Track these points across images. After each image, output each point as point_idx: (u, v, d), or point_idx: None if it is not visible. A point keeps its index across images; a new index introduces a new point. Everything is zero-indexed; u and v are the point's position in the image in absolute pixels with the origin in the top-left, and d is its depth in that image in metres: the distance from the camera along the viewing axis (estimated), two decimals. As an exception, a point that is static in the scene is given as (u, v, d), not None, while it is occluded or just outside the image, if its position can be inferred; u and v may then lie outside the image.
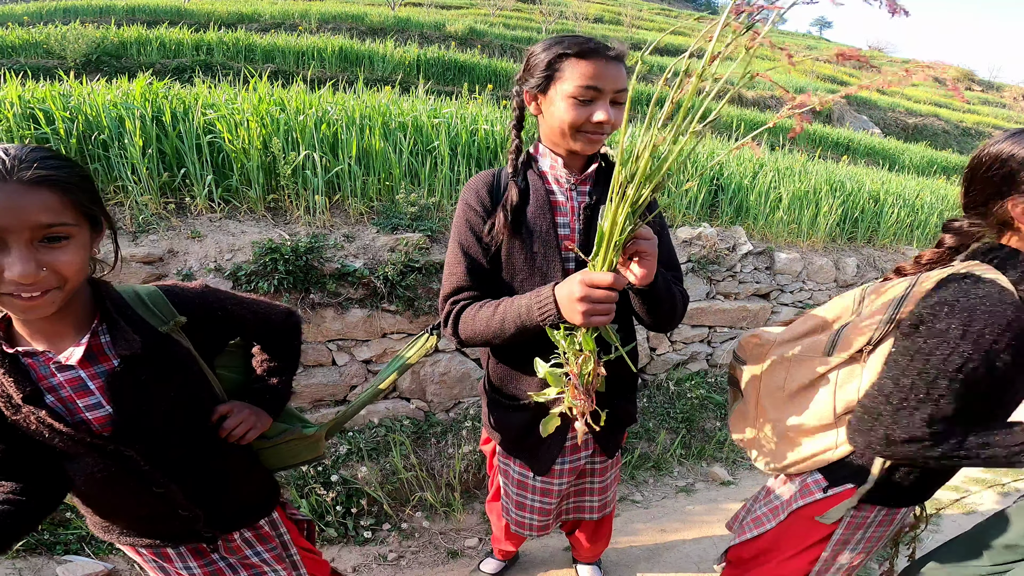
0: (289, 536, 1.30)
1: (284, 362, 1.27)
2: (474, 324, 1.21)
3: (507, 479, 1.57)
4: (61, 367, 0.93)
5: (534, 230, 1.23)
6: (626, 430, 1.62)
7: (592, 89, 1.12)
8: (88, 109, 2.51)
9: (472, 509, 2.46)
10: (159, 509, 1.05)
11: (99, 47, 8.58)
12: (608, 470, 1.60)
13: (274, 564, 1.24)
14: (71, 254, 0.83)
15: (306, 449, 1.31)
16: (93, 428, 0.96)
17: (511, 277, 1.26)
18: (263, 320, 1.19)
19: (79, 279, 0.86)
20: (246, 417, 1.14)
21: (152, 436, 1.00)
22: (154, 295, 1.04)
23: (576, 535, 1.96)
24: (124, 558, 2.01)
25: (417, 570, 2.16)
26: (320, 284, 2.38)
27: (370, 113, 3.10)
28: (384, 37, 12.42)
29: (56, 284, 0.82)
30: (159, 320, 1.02)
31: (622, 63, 1.16)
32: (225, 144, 2.56)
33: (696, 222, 3.62)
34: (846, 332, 1.16)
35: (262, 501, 1.23)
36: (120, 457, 0.97)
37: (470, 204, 1.27)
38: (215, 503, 1.12)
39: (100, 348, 0.95)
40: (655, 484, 2.82)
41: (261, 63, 9.27)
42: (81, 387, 0.95)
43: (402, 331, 2.57)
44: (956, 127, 19.89)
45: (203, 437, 1.09)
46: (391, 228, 2.62)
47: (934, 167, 11.32)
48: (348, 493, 2.32)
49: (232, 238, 2.38)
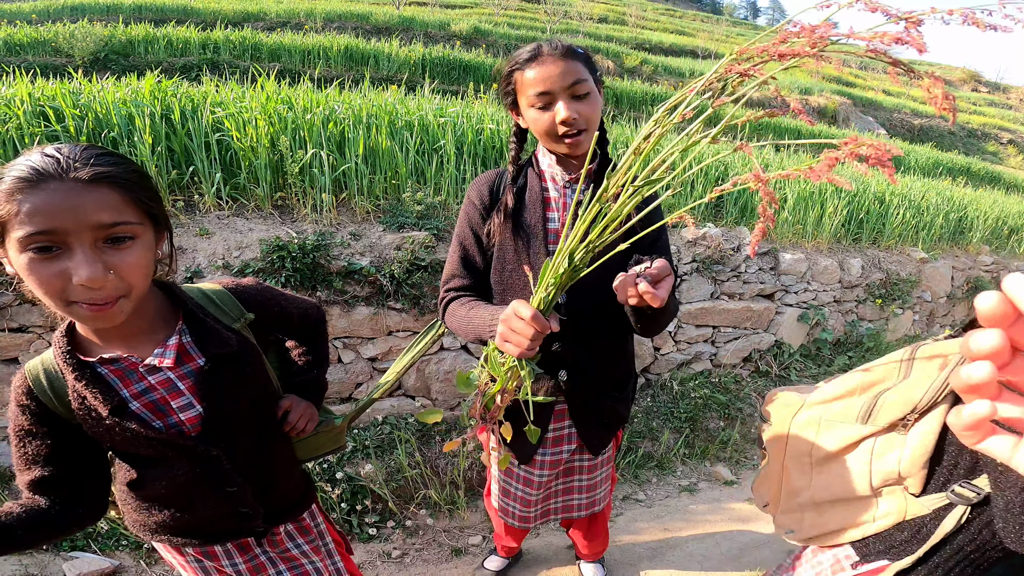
0: (325, 526, 1.31)
1: (318, 355, 1.30)
2: (453, 320, 1.28)
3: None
4: (150, 370, 0.92)
5: (525, 225, 1.29)
6: (618, 430, 1.59)
7: (544, 95, 1.15)
8: (98, 107, 2.53)
9: (476, 507, 2.47)
10: (223, 508, 1.05)
11: (107, 45, 8.62)
12: (596, 469, 1.60)
13: (312, 555, 1.25)
14: (137, 255, 0.80)
15: (330, 440, 1.32)
16: (185, 429, 0.96)
17: (502, 268, 1.32)
18: (304, 315, 1.21)
19: (145, 283, 0.83)
20: (304, 410, 1.16)
21: (234, 435, 1.01)
22: (221, 294, 1.05)
23: (572, 533, 1.99)
24: (131, 554, 2.01)
25: (421, 567, 2.16)
26: (327, 282, 2.40)
27: (376, 112, 3.12)
28: (389, 36, 12.44)
29: (124, 291, 0.79)
30: (230, 318, 1.02)
31: (571, 58, 1.15)
32: (233, 142, 2.57)
33: (701, 222, 3.62)
34: (888, 397, 1.03)
35: (304, 492, 1.24)
36: (206, 458, 0.97)
37: (472, 200, 1.35)
38: (269, 498, 1.12)
39: (183, 348, 0.95)
40: (658, 483, 2.82)
41: (267, 62, 9.29)
42: (172, 388, 0.94)
43: (408, 329, 2.58)
44: (962, 128, 19.80)
45: (268, 433, 1.11)
46: (397, 226, 2.63)
47: (940, 168, 11.27)
48: (353, 490, 2.33)
49: (240, 236, 2.40)
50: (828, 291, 4.04)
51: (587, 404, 1.43)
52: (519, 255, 1.29)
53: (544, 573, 2.14)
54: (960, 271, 5.07)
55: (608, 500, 1.78)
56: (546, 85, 1.14)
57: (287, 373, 1.25)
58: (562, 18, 21.13)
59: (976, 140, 19.48)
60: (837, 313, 4.14)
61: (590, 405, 1.43)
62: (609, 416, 1.47)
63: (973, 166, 12.96)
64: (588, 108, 1.16)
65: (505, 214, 1.29)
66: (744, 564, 2.22)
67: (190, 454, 0.96)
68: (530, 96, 1.16)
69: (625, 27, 23.14)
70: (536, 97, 1.15)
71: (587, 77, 1.16)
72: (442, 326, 1.55)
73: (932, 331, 4.90)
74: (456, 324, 1.26)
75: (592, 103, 1.18)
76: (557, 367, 1.36)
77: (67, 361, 0.87)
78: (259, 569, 1.19)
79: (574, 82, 1.14)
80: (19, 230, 0.72)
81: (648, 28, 24.51)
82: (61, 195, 0.72)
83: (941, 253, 5.04)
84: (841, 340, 4.15)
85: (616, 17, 25.18)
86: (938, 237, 5.05)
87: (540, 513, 1.65)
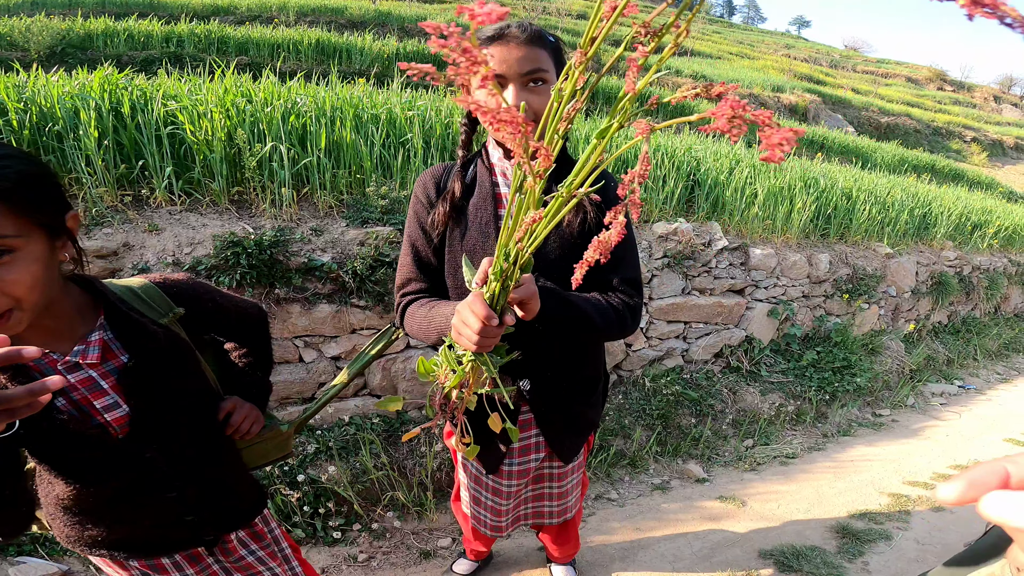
0: (279, 531, 1.27)
1: (261, 357, 1.26)
2: (412, 323, 1.21)
3: (466, 472, 1.55)
4: (70, 368, 0.86)
5: (475, 221, 1.22)
6: (589, 435, 1.53)
7: (497, 76, 1.07)
8: (42, 100, 2.41)
9: (445, 509, 2.42)
10: (165, 516, 1.00)
11: (64, 39, 8.32)
12: (567, 476, 1.54)
13: (269, 562, 1.21)
14: (19, 270, 0.72)
15: (275, 448, 1.28)
16: (112, 430, 0.90)
17: (453, 267, 1.25)
18: (243, 314, 1.17)
19: (35, 295, 0.76)
20: (248, 411, 1.11)
21: (167, 435, 0.96)
22: (148, 288, 1.00)
23: (542, 536, 1.95)
24: (80, 559, 1.92)
25: (388, 571, 2.11)
26: (286, 279, 2.31)
27: (342, 105, 3.03)
28: (363, 31, 12.25)
29: (10, 305, 0.73)
30: (157, 313, 0.98)
31: (537, 45, 1.09)
32: (187, 136, 2.47)
33: (672, 217, 3.61)
34: None
35: (256, 498, 1.20)
36: (140, 461, 0.92)
37: (418, 196, 1.28)
38: (217, 504, 1.08)
39: (106, 345, 0.89)
40: (631, 482, 2.80)
41: (234, 55, 9.07)
42: (94, 387, 0.89)
43: (372, 327, 2.51)
44: (927, 127, 20.35)
45: (208, 435, 1.06)
46: (361, 222, 2.56)
47: (905, 165, 11.56)
48: (316, 493, 2.26)
49: (192, 231, 2.30)
50: (797, 286, 4.07)
51: (554, 411, 1.36)
52: (468, 253, 1.21)
53: (514, 574, 2.10)
54: (924, 266, 5.18)
55: (579, 505, 1.74)
56: (501, 68, 1.07)
57: (227, 376, 1.19)
58: (541, 14, 21.13)
59: (941, 138, 20.04)
60: (806, 308, 4.19)
61: (557, 412, 1.37)
62: (578, 422, 1.41)
63: (938, 163, 13.33)
64: (542, 100, 1.09)
65: (452, 203, 1.22)
66: (715, 564, 2.21)
67: (121, 456, 0.90)
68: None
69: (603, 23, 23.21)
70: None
71: (548, 68, 1.09)
72: (396, 331, 1.48)
73: (897, 325, 4.99)
74: (416, 326, 1.19)
75: (546, 96, 1.10)
76: (518, 375, 1.29)
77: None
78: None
79: (531, 70, 1.07)
80: None
81: (624, 25, 24.55)
82: None
83: (906, 248, 5.14)
84: (810, 335, 4.20)
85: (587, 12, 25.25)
86: (903, 233, 5.15)
87: (511, 520, 1.60)
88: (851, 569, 2.24)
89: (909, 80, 32.31)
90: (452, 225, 1.23)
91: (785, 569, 2.19)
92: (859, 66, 33.72)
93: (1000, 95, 33.92)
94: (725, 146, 4.85)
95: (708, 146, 4.64)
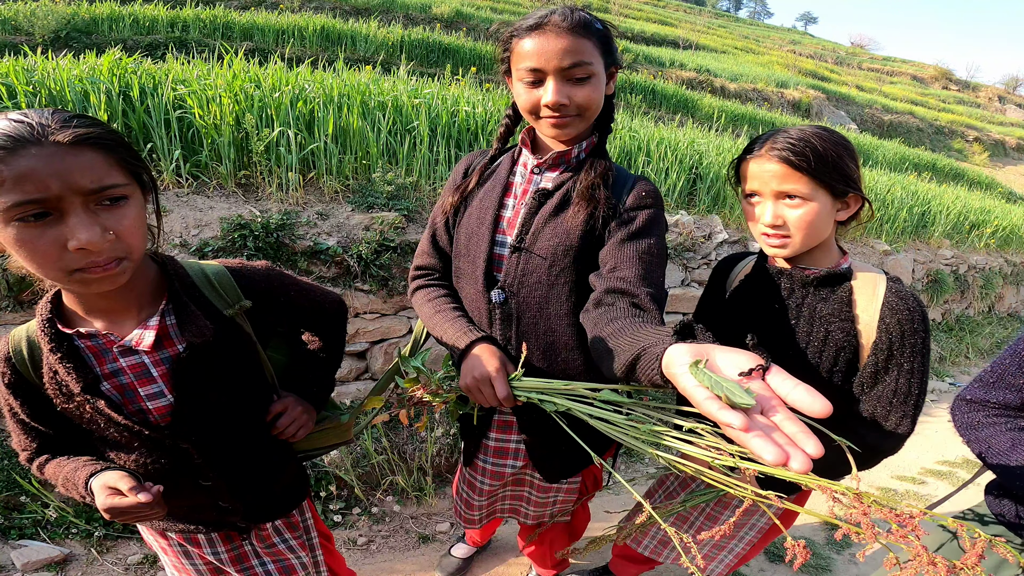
0: (312, 520, 1.27)
1: (330, 352, 1.22)
2: (420, 311, 1.27)
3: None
4: (125, 351, 0.86)
5: (479, 210, 1.21)
6: (584, 465, 1.41)
7: (535, 71, 1.01)
8: (52, 84, 2.44)
9: (444, 494, 2.46)
10: (200, 500, 1.01)
11: (69, 23, 8.28)
12: (548, 492, 1.45)
13: (298, 550, 1.22)
14: (133, 215, 0.75)
15: (335, 434, 1.26)
16: (151, 418, 0.90)
17: (456, 255, 1.27)
18: (319, 309, 1.13)
19: (143, 245, 0.79)
20: (298, 415, 1.09)
21: (208, 428, 0.95)
22: (222, 275, 0.97)
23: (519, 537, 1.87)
24: (81, 543, 1.95)
25: (387, 555, 2.14)
26: (291, 262, 2.35)
27: (349, 91, 3.05)
28: (368, 17, 12.19)
29: (123, 253, 0.75)
30: (224, 303, 0.95)
31: (581, 35, 1.00)
32: (195, 119, 2.50)
33: (674, 209, 3.64)
34: None
35: (296, 492, 1.20)
36: (175, 450, 0.92)
37: (451, 179, 1.32)
38: (254, 496, 1.07)
39: (165, 331, 0.88)
40: (627, 470, 2.85)
41: (239, 41, 9.03)
42: (144, 374, 0.88)
43: (376, 311, 2.55)
44: (930, 125, 20.28)
45: (252, 433, 1.04)
46: (367, 206, 2.59)
47: (906, 164, 11.55)
48: (317, 476, 2.30)
49: (200, 213, 2.33)
50: (796, 281, 4.09)
51: (538, 420, 1.20)
52: (465, 240, 1.22)
53: (512, 560, 2.13)
54: (921, 264, 5.21)
55: (566, 532, 1.71)
56: (537, 61, 1.00)
57: (293, 368, 1.18)
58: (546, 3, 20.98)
59: (943, 137, 19.98)
60: (804, 302, 4.21)
61: (541, 421, 1.18)
62: (564, 443, 1.14)
63: (938, 162, 13.31)
64: (584, 93, 1.03)
65: (462, 194, 1.23)
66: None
67: (155, 444, 0.90)
68: (520, 69, 1.03)
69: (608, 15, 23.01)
70: (526, 72, 1.02)
71: (592, 60, 1.01)
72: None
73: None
74: (423, 317, 1.25)
75: (592, 88, 1.04)
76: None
77: (44, 330, 0.82)
78: (242, 559, 1.15)
79: (572, 64, 1.00)
80: (3, 200, 0.67)
81: (631, 17, 24.51)
82: (44, 160, 0.67)
83: (904, 246, 5.17)
84: (808, 329, 4.22)
85: (600, 5, 25.08)
86: (901, 230, 5.17)
87: (486, 515, 1.57)
88: (839, 560, 2.30)
89: (914, 78, 32.17)
90: (461, 209, 1.25)
91: (775, 559, 2.24)
92: (864, 63, 33.56)
93: (1005, 95, 33.77)
94: (728, 141, 4.87)
95: (711, 140, 4.66)
